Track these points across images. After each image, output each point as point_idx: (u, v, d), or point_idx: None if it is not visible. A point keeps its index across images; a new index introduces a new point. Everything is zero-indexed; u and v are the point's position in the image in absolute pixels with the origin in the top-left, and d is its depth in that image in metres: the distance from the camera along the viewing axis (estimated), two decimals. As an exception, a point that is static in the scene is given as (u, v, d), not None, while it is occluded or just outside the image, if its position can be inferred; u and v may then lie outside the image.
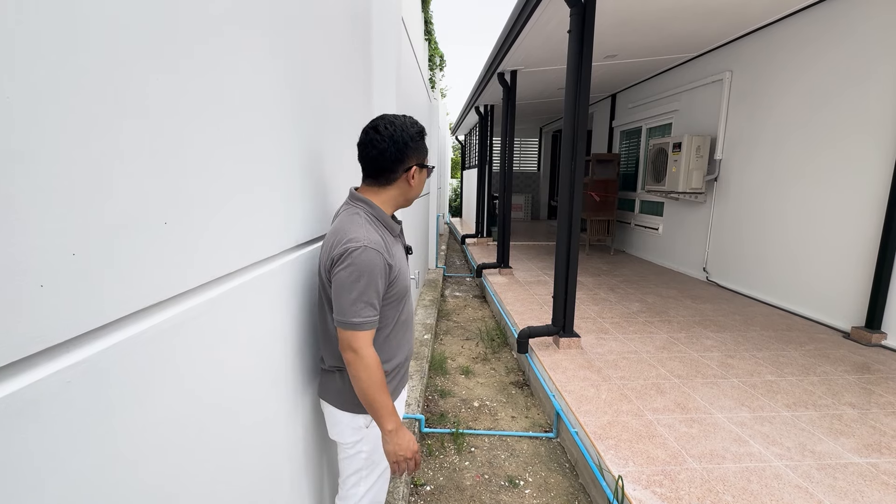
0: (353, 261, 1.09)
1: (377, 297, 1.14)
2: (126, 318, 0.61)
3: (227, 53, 0.83)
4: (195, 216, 0.75)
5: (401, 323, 1.31)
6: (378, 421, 1.16)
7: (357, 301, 1.10)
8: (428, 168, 1.30)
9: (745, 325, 3.85)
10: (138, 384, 0.63)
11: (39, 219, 0.47)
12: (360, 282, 1.10)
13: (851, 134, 3.68)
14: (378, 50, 2.31)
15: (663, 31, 4.56)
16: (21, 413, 0.46)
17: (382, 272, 1.14)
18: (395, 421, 1.16)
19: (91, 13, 0.53)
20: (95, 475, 0.55)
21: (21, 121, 0.45)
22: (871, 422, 2.33)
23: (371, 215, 1.21)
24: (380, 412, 1.14)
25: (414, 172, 1.25)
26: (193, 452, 0.77)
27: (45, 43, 0.47)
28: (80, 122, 0.52)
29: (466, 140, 14.69)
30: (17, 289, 0.45)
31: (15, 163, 0.44)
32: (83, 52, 0.52)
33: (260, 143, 0.99)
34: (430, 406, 2.96)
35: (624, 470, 1.94)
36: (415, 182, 1.26)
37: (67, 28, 0.49)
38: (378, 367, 1.13)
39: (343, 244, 1.12)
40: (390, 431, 1.15)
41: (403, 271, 1.26)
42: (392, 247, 1.22)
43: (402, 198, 1.28)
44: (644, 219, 7.03)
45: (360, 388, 1.13)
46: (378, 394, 1.13)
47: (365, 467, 1.32)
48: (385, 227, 1.24)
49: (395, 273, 1.20)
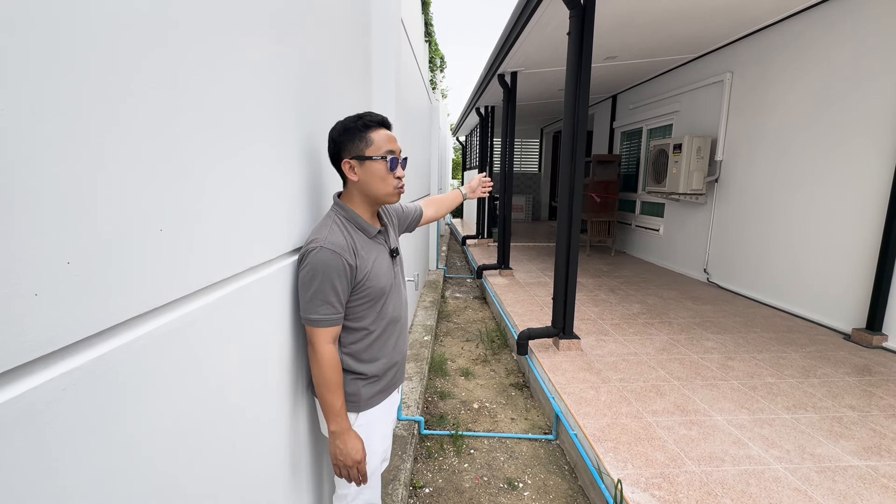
0: (308, 260, 1.15)
1: (335, 296, 1.16)
2: (121, 325, 0.61)
3: (225, 55, 0.84)
4: (191, 223, 0.75)
5: (387, 324, 1.31)
6: (325, 418, 1.20)
7: (313, 299, 1.15)
8: (371, 159, 1.20)
9: (746, 327, 3.84)
10: (134, 390, 0.63)
11: (33, 228, 0.48)
12: (314, 280, 1.14)
13: (853, 135, 3.67)
14: (377, 53, 2.31)
15: (663, 32, 4.56)
16: (17, 419, 0.47)
17: (340, 272, 1.15)
18: (339, 423, 1.19)
19: (87, 15, 0.53)
20: (92, 480, 0.56)
21: (13, 128, 0.45)
22: (871, 424, 2.33)
23: (342, 217, 1.24)
24: (326, 410, 1.19)
25: (351, 166, 1.22)
26: (191, 456, 0.77)
27: (34, 43, 0.47)
28: (73, 128, 0.52)
29: (467, 141, 14.70)
30: (12, 297, 0.46)
31: (8, 171, 0.45)
32: (74, 55, 0.52)
33: (256, 147, 1.00)
34: (430, 408, 2.96)
35: (623, 472, 1.94)
36: (359, 175, 1.22)
37: (57, 29, 0.50)
38: (331, 367, 1.17)
39: (306, 244, 1.18)
40: (333, 433, 1.19)
41: (376, 272, 1.25)
42: (362, 248, 1.22)
43: (362, 194, 1.25)
44: (645, 220, 7.02)
45: (315, 382, 1.19)
46: (327, 391, 1.17)
47: None
48: (357, 227, 1.25)
49: (362, 273, 1.21)
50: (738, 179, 4.94)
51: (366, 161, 1.22)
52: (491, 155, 8.89)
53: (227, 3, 0.85)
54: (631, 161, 7.44)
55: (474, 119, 10.60)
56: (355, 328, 1.26)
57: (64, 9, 0.50)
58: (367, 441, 1.29)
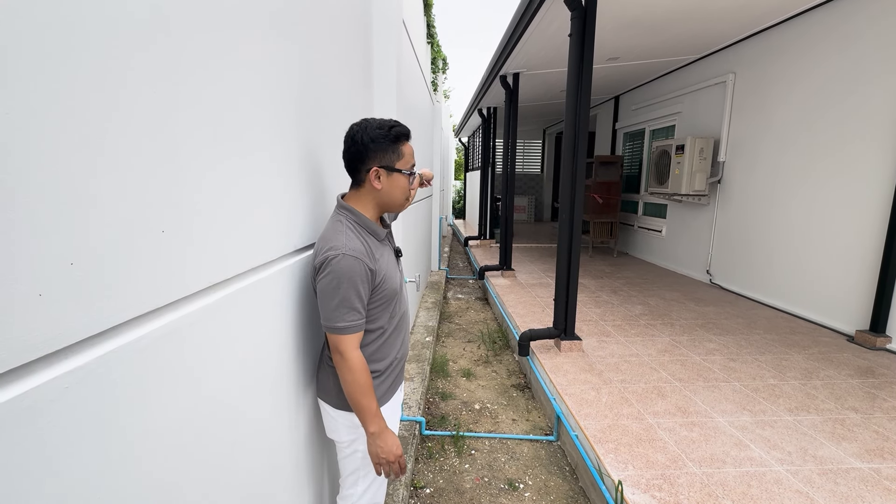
0: (332, 268, 1.13)
1: (360, 302, 1.17)
2: (123, 325, 0.62)
3: (226, 55, 0.85)
4: (193, 224, 0.76)
5: (398, 321, 1.34)
6: (362, 423, 1.20)
7: (339, 306, 1.14)
8: (401, 172, 1.23)
9: (749, 329, 3.83)
10: (136, 389, 0.64)
11: (37, 229, 0.49)
12: (340, 288, 1.13)
13: (856, 136, 3.66)
14: (379, 55, 2.33)
15: (665, 33, 4.56)
16: (20, 418, 0.47)
17: (363, 278, 1.16)
18: (378, 423, 1.19)
19: (85, 16, 0.54)
20: (95, 478, 0.56)
21: (14, 129, 0.46)
22: (874, 426, 2.32)
23: (353, 222, 1.23)
24: (363, 414, 1.18)
25: (378, 174, 1.21)
26: (193, 455, 0.78)
27: (33, 44, 0.48)
28: (74, 130, 0.53)
29: (470, 142, 14.70)
30: (16, 297, 0.47)
31: (11, 173, 0.46)
32: (74, 56, 0.53)
33: (258, 148, 1.00)
34: (431, 408, 2.96)
35: (623, 474, 1.94)
36: (382, 186, 1.22)
37: (58, 29, 0.51)
38: (363, 371, 1.17)
39: (323, 253, 1.15)
40: (373, 434, 1.19)
41: (390, 275, 1.27)
42: (376, 252, 1.23)
43: (376, 202, 1.26)
44: (647, 221, 7.01)
45: (347, 390, 1.18)
46: (362, 396, 1.17)
47: (362, 467, 1.34)
48: (369, 232, 1.25)
49: (379, 276, 1.22)
50: (741, 180, 4.93)
51: (394, 173, 1.23)
52: (493, 156, 8.90)
53: (228, 14, 0.86)
54: (633, 162, 7.42)
55: (476, 120, 10.61)
56: (372, 329, 1.27)
57: (73, 11, 0.51)
58: None
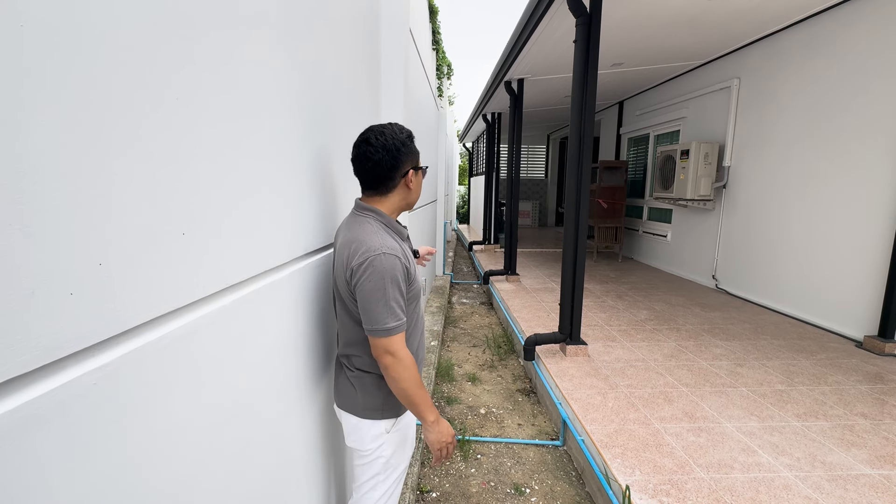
0: (374, 268, 1.12)
1: (403, 299, 1.18)
2: (146, 324, 0.64)
3: (241, 65, 0.87)
4: (211, 227, 0.78)
5: (417, 319, 1.37)
6: (421, 415, 1.21)
7: (386, 307, 1.14)
8: (423, 169, 1.34)
9: (756, 334, 3.81)
10: (159, 386, 0.66)
11: (70, 231, 0.51)
12: (385, 288, 1.13)
13: (861, 140, 3.65)
14: (386, 62, 2.36)
15: (670, 39, 4.58)
16: (52, 413, 0.49)
17: (404, 275, 1.18)
18: (435, 411, 1.23)
19: (121, 23, 0.56)
20: (120, 472, 0.58)
21: (47, 138, 0.48)
22: (883, 433, 2.30)
23: (381, 223, 1.25)
24: (420, 406, 1.20)
25: (411, 176, 1.28)
26: (208, 454, 0.79)
27: (62, 50, 0.51)
28: (107, 140, 0.55)
29: (474, 147, 14.75)
30: (51, 296, 0.48)
31: (46, 178, 0.48)
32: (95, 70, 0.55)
33: (273, 152, 1.03)
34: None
35: (630, 479, 1.94)
36: (413, 185, 1.30)
37: (77, 35, 0.53)
38: (414, 366, 1.19)
39: (361, 254, 1.14)
40: (433, 422, 1.22)
41: (416, 272, 1.31)
42: (407, 251, 1.27)
43: (403, 202, 1.32)
44: (652, 226, 7.00)
45: (402, 388, 1.17)
46: (418, 390, 1.18)
47: (382, 472, 1.34)
48: (396, 232, 1.28)
49: (412, 275, 1.25)
50: (747, 185, 4.92)
51: (419, 171, 1.31)
52: (497, 161, 8.93)
53: (248, 24, 0.89)
54: (638, 167, 7.43)
55: (481, 125, 10.65)
56: None
57: (110, 20, 0.53)
58: (403, 443, 1.35)
